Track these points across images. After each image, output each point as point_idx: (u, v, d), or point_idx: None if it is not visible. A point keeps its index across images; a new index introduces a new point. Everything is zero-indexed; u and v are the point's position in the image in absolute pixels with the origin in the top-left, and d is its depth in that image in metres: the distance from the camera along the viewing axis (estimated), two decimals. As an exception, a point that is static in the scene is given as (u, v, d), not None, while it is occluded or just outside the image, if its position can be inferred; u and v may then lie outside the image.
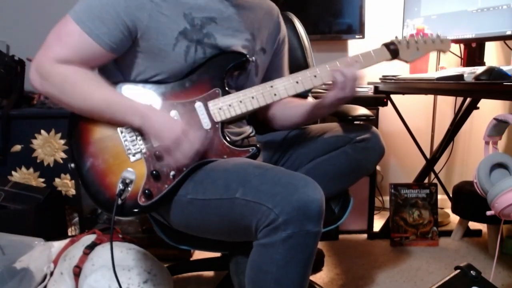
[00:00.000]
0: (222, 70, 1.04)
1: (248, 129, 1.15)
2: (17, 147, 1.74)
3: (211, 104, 1.02)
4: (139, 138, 0.98)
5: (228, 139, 1.03)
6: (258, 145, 1.04)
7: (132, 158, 0.97)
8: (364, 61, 1.08)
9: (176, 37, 0.99)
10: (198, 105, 1.02)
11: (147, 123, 0.94)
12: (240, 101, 1.03)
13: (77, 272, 1.22)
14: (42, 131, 1.73)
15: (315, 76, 1.06)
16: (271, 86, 1.05)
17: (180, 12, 0.99)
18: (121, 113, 0.94)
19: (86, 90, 0.94)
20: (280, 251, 0.81)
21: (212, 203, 0.91)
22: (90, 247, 1.25)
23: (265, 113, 1.26)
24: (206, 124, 1.01)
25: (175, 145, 0.93)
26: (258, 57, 1.13)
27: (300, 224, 0.80)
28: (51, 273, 1.30)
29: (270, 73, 1.20)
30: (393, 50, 1.12)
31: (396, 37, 1.14)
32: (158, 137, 0.94)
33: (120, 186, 0.94)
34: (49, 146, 1.74)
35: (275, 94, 1.05)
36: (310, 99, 1.33)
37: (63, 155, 1.75)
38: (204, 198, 0.93)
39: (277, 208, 0.80)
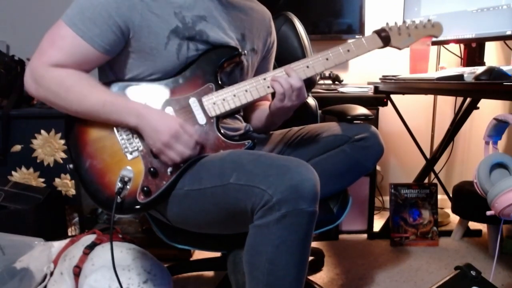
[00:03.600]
0: (215, 65, 1.04)
1: (244, 126, 1.16)
2: (17, 147, 1.74)
3: (205, 99, 1.03)
4: (135, 136, 0.98)
5: (223, 132, 1.03)
6: (254, 140, 1.05)
7: (129, 156, 0.98)
8: (356, 49, 1.07)
9: (168, 35, 0.99)
10: (192, 101, 1.02)
11: (143, 122, 0.94)
12: (234, 95, 1.03)
13: (77, 272, 1.22)
14: (42, 131, 1.73)
15: (307, 67, 1.05)
16: (264, 79, 1.05)
17: (171, 11, 0.99)
18: (116, 113, 0.95)
19: (81, 92, 0.94)
20: (274, 231, 0.81)
21: (208, 192, 0.91)
22: (90, 247, 1.25)
23: (250, 112, 1.26)
24: (201, 119, 1.02)
25: (174, 139, 0.93)
26: (249, 57, 1.14)
27: (294, 203, 0.80)
28: (51, 273, 1.30)
29: (257, 75, 1.20)
30: (384, 37, 1.11)
31: (387, 24, 1.12)
32: (156, 133, 0.94)
33: (119, 184, 0.95)
34: (49, 146, 1.74)
35: (268, 87, 1.04)
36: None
37: (63, 155, 1.75)
38: (199, 187, 0.93)
39: (271, 188, 0.80)
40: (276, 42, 1.29)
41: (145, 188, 0.96)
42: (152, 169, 0.97)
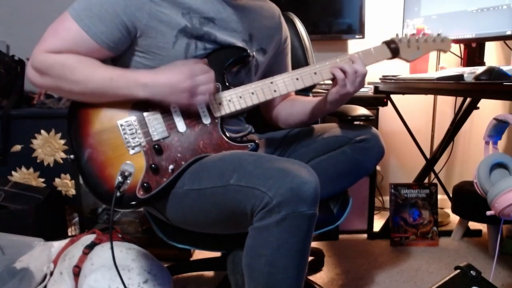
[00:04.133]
0: (222, 65, 1.04)
1: (247, 128, 1.16)
2: (17, 147, 1.74)
3: (210, 99, 1.02)
4: (138, 131, 0.98)
5: (228, 134, 1.03)
6: (257, 141, 1.05)
7: (132, 151, 0.97)
8: (364, 58, 1.07)
9: (176, 35, 0.99)
10: None
11: (153, 91, 0.94)
12: (240, 97, 1.03)
13: (76, 272, 1.22)
14: (42, 131, 1.73)
15: (315, 73, 1.06)
16: (271, 82, 1.05)
17: (179, 12, 0.99)
18: (124, 87, 0.94)
19: (86, 70, 0.94)
20: (274, 234, 0.81)
21: (208, 192, 0.91)
22: (90, 247, 1.25)
23: (271, 111, 1.26)
24: (206, 119, 1.02)
25: (193, 93, 0.94)
26: (257, 57, 1.14)
27: (294, 205, 0.80)
28: (51, 273, 1.30)
29: (274, 73, 1.20)
30: (393, 48, 1.11)
31: (397, 35, 1.13)
32: (172, 97, 0.95)
33: (119, 178, 0.94)
34: (49, 146, 1.74)
35: (274, 90, 1.05)
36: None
37: (63, 155, 1.75)
38: (199, 187, 0.93)
39: (271, 191, 0.80)
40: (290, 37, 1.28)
41: (145, 184, 0.96)
42: (153, 165, 0.97)
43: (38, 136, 1.73)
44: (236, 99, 1.03)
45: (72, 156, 0.98)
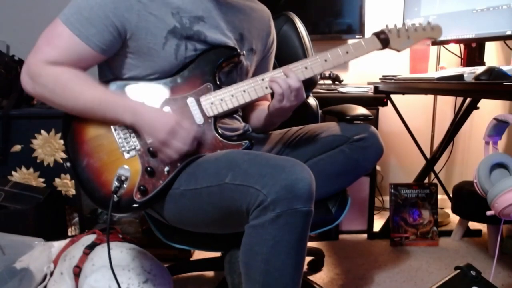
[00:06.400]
0: (214, 65, 1.04)
1: (243, 126, 1.16)
2: (17, 147, 1.74)
3: (203, 99, 1.03)
4: (132, 135, 0.98)
5: (221, 133, 1.04)
6: (252, 140, 1.05)
7: (127, 155, 0.98)
8: (354, 51, 1.07)
9: (165, 36, 0.99)
10: (190, 101, 1.02)
11: (139, 120, 0.95)
12: (232, 95, 1.04)
13: (77, 272, 1.22)
14: (42, 131, 1.73)
15: (306, 68, 1.05)
16: (262, 79, 1.05)
17: (168, 12, 1.00)
18: (112, 111, 0.95)
19: (77, 89, 0.94)
20: (269, 231, 0.81)
21: (204, 192, 0.92)
22: (90, 247, 1.25)
23: (248, 114, 1.26)
24: (199, 119, 1.02)
25: (171, 135, 0.93)
26: (247, 57, 1.14)
27: (289, 203, 0.80)
28: (51, 273, 1.30)
29: (257, 74, 1.21)
30: (383, 39, 1.10)
31: (387, 26, 1.12)
32: (152, 131, 0.95)
33: (116, 183, 0.95)
34: (49, 146, 1.74)
35: (266, 87, 1.05)
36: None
37: (63, 155, 1.75)
38: (195, 187, 0.93)
39: (265, 188, 0.80)
40: (276, 42, 1.29)
41: (141, 187, 0.96)
42: (149, 168, 0.97)
43: (38, 136, 1.73)
44: (228, 98, 1.04)
45: (68, 164, 0.99)
